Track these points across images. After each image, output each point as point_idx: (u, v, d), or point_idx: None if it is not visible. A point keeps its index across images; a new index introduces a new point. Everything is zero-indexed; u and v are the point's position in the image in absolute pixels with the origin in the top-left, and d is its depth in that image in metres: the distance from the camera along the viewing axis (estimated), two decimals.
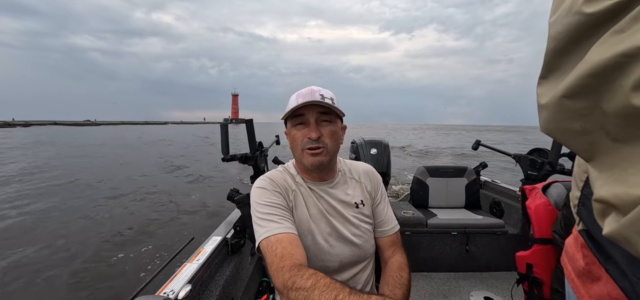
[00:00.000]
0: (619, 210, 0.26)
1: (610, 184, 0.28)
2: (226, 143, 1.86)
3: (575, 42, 0.29)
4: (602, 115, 0.27)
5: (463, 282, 2.06)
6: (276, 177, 0.87)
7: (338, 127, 0.84)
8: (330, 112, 0.81)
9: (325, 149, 0.81)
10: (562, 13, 0.30)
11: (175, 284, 0.90)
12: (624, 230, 0.26)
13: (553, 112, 0.32)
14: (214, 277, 1.14)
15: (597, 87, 0.27)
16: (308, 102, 0.77)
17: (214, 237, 1.27)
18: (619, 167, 0.27)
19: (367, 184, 0.93)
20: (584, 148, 0.31)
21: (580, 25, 0.28)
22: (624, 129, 0.26)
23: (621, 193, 0.26)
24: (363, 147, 2.60)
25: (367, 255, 0.88)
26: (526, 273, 1.23)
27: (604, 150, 0.29)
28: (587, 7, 0.27)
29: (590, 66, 0.27)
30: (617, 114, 0.26)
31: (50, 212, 6.06)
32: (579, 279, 0.51)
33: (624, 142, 0.26)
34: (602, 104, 0.27)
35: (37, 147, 21.41)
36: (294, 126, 0.83)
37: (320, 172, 0.87)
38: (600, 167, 0.30)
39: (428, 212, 2.31)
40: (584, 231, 0.45)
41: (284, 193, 0.84)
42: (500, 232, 2.11)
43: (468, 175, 2.47)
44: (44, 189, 7.90)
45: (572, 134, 0.31)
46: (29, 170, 10.59)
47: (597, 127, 0.28)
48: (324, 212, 0.86)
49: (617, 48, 0.24)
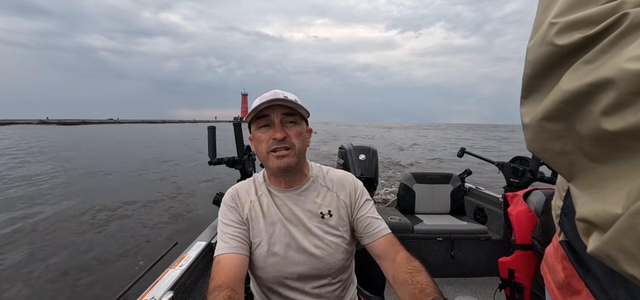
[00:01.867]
0: (599, 229, 0.27)
1: (590, 203, 0.29)
2: (213, 146, 1.83)
3: (549, 69, 0.31)
4: (578, 137, 0.29)
5: (448, 287, 2.09)
6: (240, 189, 0.88)
7: (303, 129, 0.82)
8: (295, 114, 0.80)
9: (292, 150, 0.78)
10: (537, 41, 0.32)
11: (156, 291, 0.88)
12: (605, 248, 0.27)
13: (535, 133, 0.33)
14: (197, 284, 1.11)
15: (571, 112, 0.28)
16: (272, 101, 0.75)
17: (198, 242, 1.24)
18: (598, 186, 0.28)
19: (340, 193, 0.87)
20: (565, 168, 0.32)
21: (553, 54, 0.30)
22: (599, 150, 0.27)
23: (600, 211, 0.27)
24: (351, 153, 2.61)
25: (332, 269, 0.82)
26: (508, 278, 1.26)
27: (583, 170, 0.30)
28: (558, 40, 0.29)
29: (563, 93, 0.28)
30: (590, 137, 0.27)
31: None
32: (558, 290, 0.51)
33: (600, 162, 0.28)
34: (577, 127, 0.28)
35: (110, 143, 23.91)
36: (258, 128, 0.80)
37: (287, 176, 0.83)
38: (580, 186, 0.31)
39: (414, 218, 2.34)
40: (565, 242, 0.45)
41: (240, 207, 0.84)
42: (484, 238, 2.16)
43: (453, 181, 2.52)
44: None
45: (553, 154, 0.32)
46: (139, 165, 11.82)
47: (575, 148, 0.30)
48: (283, 222, 0.82)
49: (587, 78, 0.26)
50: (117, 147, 20.19)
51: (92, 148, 19.35)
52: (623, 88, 0.23)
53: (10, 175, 9.05)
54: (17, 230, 4.89)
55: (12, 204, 6.19)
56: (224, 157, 1.91)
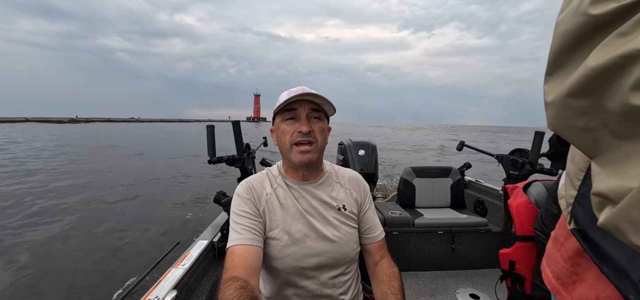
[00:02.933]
0: (613, 202, 0.27)
1: (608, 179, 0.28)
2: (212, 145, 1.83)
3: (580, 41, 0.30)
4: (605, 113, 0.28)
5: (449, 279, 2.11)
6: (254, 182, 0.88)
7: (326, 126, 0.86)
8: (321, 110, 0.83)
9: (315, 145, 0.81)
10: (569, 13, 0.31)
11: (159, 290, 0.88)
12: (614, 219, 0.27)
13: (558, 110, 0.33)
14: (201, 282, 1.12)
15: (599, 87, 0.27)
16: (300, 96, 0.78)
17: (200, 241, 1.25)
18: (619, 163, 0.28)
19: (353, 191, 0.92)
20: (588, 144, 0.31)
21: (586, 25, 0.29)
22: (625, 127, 0.27)
23: (615, 186, 0.27)
24: (351, 148, 2.61)
25: (347, 258, 0.86)
26: (509, 270, 1.26)
27: (606, 147, 0.29)
28: (593, 9, 0.28)
29: (592, 66, 0.27)
30: (618, 113, 0.26)
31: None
32: (558, 281, 0.51)
33: (626, 139, 0.27)
34: (604, 103, 0.27)
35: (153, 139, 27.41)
36: (284, 120, 0.82)
37: (308, 170, 0.86)
38: (603, 163, 0.30)
39: (415, 212, 2.35)
40: (577, 231, 0.45)
41: (256, 199, 0.84)
42: (484, 230, 2.17)
43: (453, 175, 2.53)
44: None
45: (577, 132, 0.32)
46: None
47: (600, 125, 0.29)
48: (302, 212, 0.84)
49: (619, 50, 0.25)
50: (175, 139, 24.41)
51: (162, 139, 24.02)
52: None
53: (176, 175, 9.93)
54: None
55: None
56: (223, 155, 1.90)
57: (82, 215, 5.43)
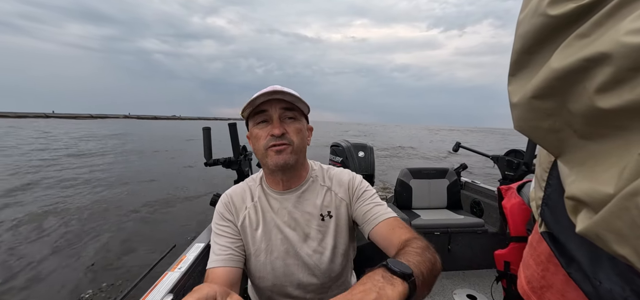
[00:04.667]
0: (589, 207, 0.27)
1: (580, 181, 0.28)
2: (209, 147, 1.83)
3: (540, 42, 0.29)
4: (569, 115, 0.28)
5: (446, 281, 2.11)
6: (234, 195, 0.84)
7: (303, 126, 0.79)
8: (295, 109, 0.76)
9: (291, 146, 0.74)
10: (529, 13, 0.30)
11: (155, 294, 0.88)
12: (595, 228, 0.26)
13: (523, 111, 0.32)
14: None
15: (563, 89, 0.27)
16: (269, 95, 0.71)
17: (197, 244, 1.25)
18: (588, 164, 0.27)
19: (338, 190, 0.84)
20: (555, 145, 0.31)
21: (545, 26, 0.28)
22: (590, 128, 0.26)
23: (590, 190, 0.26)
24: (350, 150, 2.62)
25: (331, 273, 0.80)
26: (504, 270, 1.27)
27: (572, 148, 0.29)
28: (551, 9, 0.27)
29: (555, 69, 0.27)
30: (583, 114, 0.26)
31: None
32: (529, 285, 0.50)
33: (591, 140, 0.27)
34: (569, 105, 0.27)
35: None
36: (255, 125, 0.76)
37: (286, 174, 0.79)
38: (570, 164, 0.30)
39: (411, 213, 2.35)
40: (546, 233, 0.44)
41: (235, 216, 0.81)
42: (481, 231, 2.18)
43: (449, 176, 2.54)
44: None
45: (542, 132, 0.31)
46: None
47: (565, 126, 0.29)
48: (281, 227, 0.79)
49: (581, 53, 0.25)
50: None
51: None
52: (620, 63, 0.22)
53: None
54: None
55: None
56: (219, 158, 1.90)
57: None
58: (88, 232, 4.35)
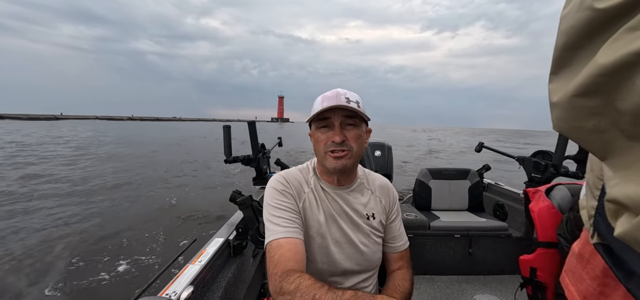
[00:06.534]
0: (631, 211, 0.25)
1: (624, 184, 0.26)
2: (229, 145, 1.87)
3: (586, 38, 0.28)
4: (617, 113, 0.26)
5: (466, 285, 2.05)
6: (291, 177, 0.87)
7: (362, 131, 0.83)
8: (355, 116, 0.80)
9: (350, 152, 0.80)
10: (574, 8, 0.29)
11: (177, 285, 0.91)
12: (634, 231, 0.25)
13: (565, 111, 0.31)
14: (216, 279, 1.15)
15: (611, 86, 0.25)
16: (333, 106, 0.76)
17: (216, 238, 1.28)
18: (635, 167, 0.26)
19: (382, 199, 0.92)
20: (598, 147, 0.30)
21: (592, 21, 0.27)
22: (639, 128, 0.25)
23: (633, 193, 0.25)
24: (367, 149, 2.59)
25: (372, 266, 0.88)
26: (530, 277, 1.21)
27: (619, 149, 0.27)
28: (599, 3, 0.26)
29: (602, 64, 0.25)
30: (632, 113, 0.24)
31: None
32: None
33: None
34: (616, 103, 0.25)
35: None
36: (318, 129, 0.82)
37: (342, 176, 0.86)
38: (615, 167, 0.29)
39: (431, 215, 2.30)
40: (600, 245, 0.41)
41: (296, 194, 0.84)
42: (504, 235, 2.09)
43: (471, 177, 2.46)
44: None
45: (585, 132, 0.30)
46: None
47: (612, 126, 0.27)
48: (335, 216, 0.85)
49: (631, 46, 0.23)
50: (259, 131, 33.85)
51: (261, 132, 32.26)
52: None
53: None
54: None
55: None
56: (239, 155, 1.94)
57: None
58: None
